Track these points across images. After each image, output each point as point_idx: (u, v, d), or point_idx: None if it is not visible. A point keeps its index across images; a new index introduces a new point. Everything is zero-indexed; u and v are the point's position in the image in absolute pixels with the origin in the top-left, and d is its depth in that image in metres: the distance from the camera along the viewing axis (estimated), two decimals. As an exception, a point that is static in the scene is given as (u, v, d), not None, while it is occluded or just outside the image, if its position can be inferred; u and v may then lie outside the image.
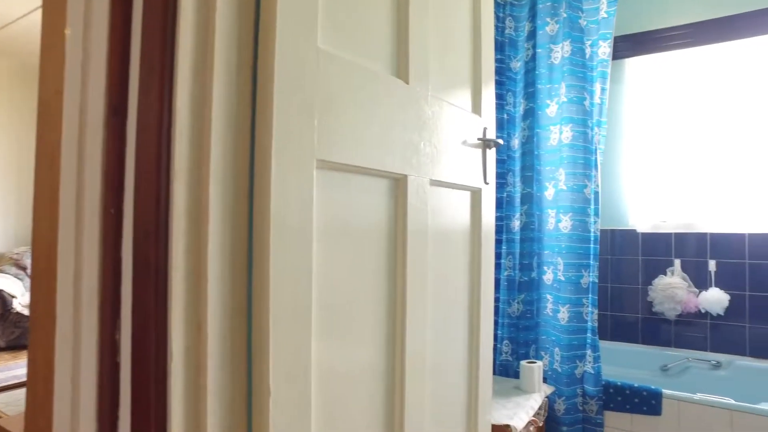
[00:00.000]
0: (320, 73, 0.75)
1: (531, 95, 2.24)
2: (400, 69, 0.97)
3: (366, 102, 0.85)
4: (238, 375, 0.64)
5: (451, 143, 1.13)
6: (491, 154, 1.31)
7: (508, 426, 1.60)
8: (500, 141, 1.27)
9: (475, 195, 1.25)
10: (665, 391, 1.93)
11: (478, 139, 1.24)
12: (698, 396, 1.90)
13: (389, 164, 0.90)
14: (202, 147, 0.60)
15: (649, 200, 2.73)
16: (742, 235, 2.50)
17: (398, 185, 0.95)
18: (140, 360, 0.55)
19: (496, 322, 2.21)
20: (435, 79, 1.08)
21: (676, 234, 2.65)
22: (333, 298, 0.79)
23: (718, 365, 2.43)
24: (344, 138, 0.79)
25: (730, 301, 2.46)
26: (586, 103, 2.09)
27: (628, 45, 2.76)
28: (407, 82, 0.97)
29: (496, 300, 2.22)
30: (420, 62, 1.01)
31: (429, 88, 1.05)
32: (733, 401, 1.85)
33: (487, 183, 1.27)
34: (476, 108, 1.28)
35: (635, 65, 2.82)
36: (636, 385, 1.98)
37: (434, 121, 1.05)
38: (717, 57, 2.60)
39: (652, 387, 1.96)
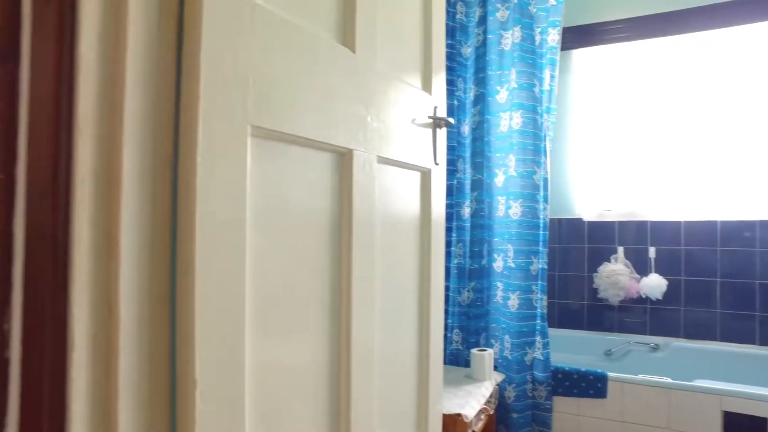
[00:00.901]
0: (256, 29, 0.68)
1: (481, 81, 2.24)
2: (347, 36, 0.91)
3: (308, 67, 0.79)
4: (159, 366, 0.57)
5: (401, 120, 1.09)
6: (442, 134, 1.28)
7: (459, 415, 1.60)
8: (451, 120, 1.24)
9: (425, 176, 1.21)
10: (609, 374, 2.00)
11: (429, 117, 1.20)
12: (640, 377, 1.97)
13: (334, 137, 0.85)
14: (114, 99, 0.53)
15: (595, 190, 2.82)
16: (678, 223, 2.63)
17: (344, 160, 0.89)
18: (33, 353, 0.47)
19: (446, 311, 2.21)
20: (383, 51, 1.03)
21: (619, 222, 2.75)
22: (270, 284, 0.72)
23: (656, 347, 2.56)
24: (283, 105, 0.73)
25: (668, 286, 2.58)
26: (536, 89, 2.12)
27: (575, 36, 2.83)
28: (353, 51, 0.92)
29: (447, 288, 2.22)
30: (368, 32, 0.96)
31: (377, 60, 1.00)
32: (670, 380, 1.94)
33: (437, 164, 1.24)
34: (426, 86, 1.25)
35: (582, 57, 2.89)
36: (583, 369, 2.04)
37: (382, 96, 1.01)
38: (659, 51, 2.71)
39: (598, 370, 2.02)
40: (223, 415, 0.60)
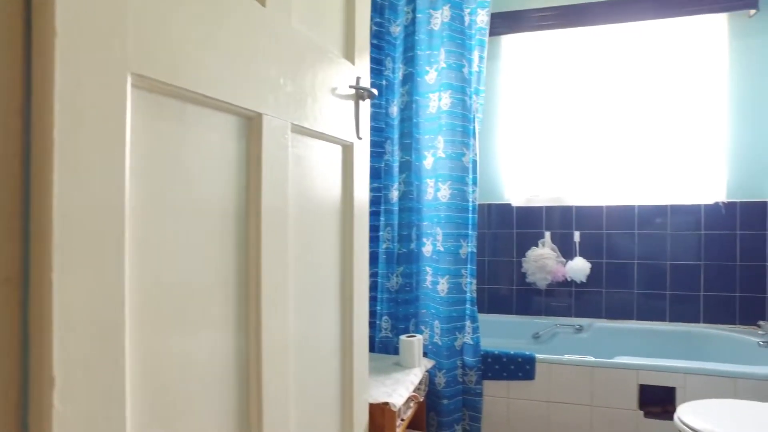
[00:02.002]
0: (133, -41, 0.58)
1: (410, 60, 2.21)
2: (254, -14, 0.83)
3: (206, 13, 0.69)
4: (5, 361, 0.47)
5: (319, 88, 1.01)
6: (365, 106, 1.22)
7: (386, 403, 1.56)
8: (374, 91, 1.18)
9: (347, 150, 1.15)
10: (537, 356, 2.05)
11: (350, 87, 1.14)
12: (566, 357, 2.04)
13: (239, 97, 0.76)
14: None
15: (523, 176, 2.89)
16: (600, 208, 2.76)
17: (251, 126, 0.81)
18: None
19: (375, 298, 2.17)
20: (299, 10, 0.96)
21: (546, 207, 2.84)
22: (160, 271, 0.63)
23: (580, 329, 2.68)
24: (174, 53, 0.64)
25: (591, 269, 2.71)
26: (465, 70, 2.11)
27: (504, 22, 2.87)
28: (263, 5, 0.83)
29: (375, 274, 2.18)
30: (279, -15, 0.88)
31: (291, 18, 0.92)
32: (593, 358, 2.03)
33: (360, 138, 1.18)
34: (349, 54, 1.18)
35: (510, 43, 2.94)
36: (512, 352, 2.08)
37: (297, 58, 0.93)
38: (585, 40, 2.81)
39: (527, 353, 2.07)
40: (92, 418, 0.51)
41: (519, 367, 2.05)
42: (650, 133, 2.70)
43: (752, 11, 2.54)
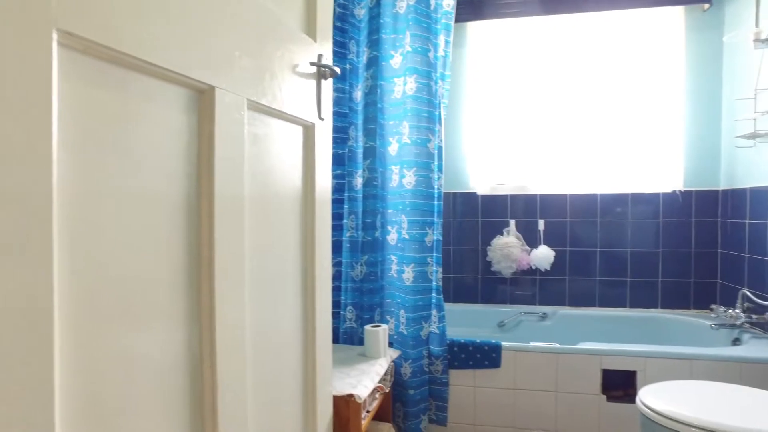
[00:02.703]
0: None
1: (375, 43, 2.16)
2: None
3: (147, -28, 0.63)
4: None
5: (278, 63, 0.96)
6: (327, 85, 1.17)
7: (351, 395, 1.53)
8: (337, 69, 1.14)
9: (308, 131, 1.10)
10: (503, 344, 2.06)
11: (312, 64, 1.09)
12: (531, 344, 2.06)
13: (190, 68, 0.70)
14: None
15: (489, 164, 2.90)
16: (564, 197, 2.79)
17: (203, 100, 0.75)
18: None
19: (339, 288, 2.13)
20: (255, -22, 0.90)
21: (511, 196, 2.86)
22: (99, 262, 0.58)
23: (545, 316, 2.72)
24: (114, 12, 0.57)
25: (555, 257, 2.74)
26: (431, 54, 2.08)
27: (470, 9, 2.85)
28: (214, -31, 0.77)
29: (339, 264, 2.14)
30: (233, -52, 0.82)
31: (246, -14, 0.86)
32: (558, 345, 2.05)
33: (322, 118, 1.14)
34: (311, 30, 1.13)
35: (476, 30, 2.93)
36: (478, 341, 2.08)
37: (255, 29, 0.87)
38: (550, 29, 2.82)
39: (493, 341, 2.08)
40: (9, 423, 0.45)
41: (485, 356, 2.06)
42: (612, 122, 2.75)
43: (706, 6, 2.63)
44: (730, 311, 2.35)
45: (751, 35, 2.22)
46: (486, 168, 2.90)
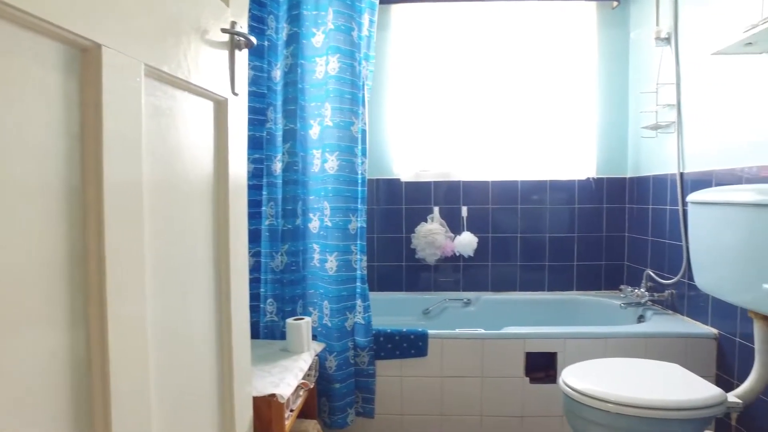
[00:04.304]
0: None
1: (295, 19, 2.05)
2: None
3: None
4: None
5: (184, 25, 0.85)
6: (242, 57, 1.07)
7: (273, 395, 1.45)
8: (253, 39, 1.04)
9: (221, 106, 1.00)
10: (429, 332, 2.06)
11: (224, 31, 0.98)
12: (456, 331, 2.08)
13: (65, 18, 0.58)
14: None
15: (412, 150, 2.89)
16: (486, 183, 2.85)
17: (86, 60, 0.64)
18: None
19: (258, 279, 2.02)
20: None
21: (435, 182, 2.87)
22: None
23: (468, 302, 2.77)
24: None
25: (478, 243, 2.80)
26: (354, 33, 2.01)
27: (394, -10, 2.80)
28: None
29: (258, 254, 2.02)
30: None
31: (142, -69, 0.74)
32: (483, 330, 2.09)
33: (236, 94, 1.03)
34: (221, -7, 1.02)
35: (401, 13, 2.89)
36: (404, 330, 2.07)
37: (152, -17, 0.76)
38: (475, 15, 2.84)
39: (419, 330, 2.07)
40: None
41: (412, 345, 2.05)
42: (532, 111, 2.84)
43: (615, 3, 2.78)
44: (636, 291, 2.53)
45: (653, 33, 2.37)
46: (409, 154, 2.89)
